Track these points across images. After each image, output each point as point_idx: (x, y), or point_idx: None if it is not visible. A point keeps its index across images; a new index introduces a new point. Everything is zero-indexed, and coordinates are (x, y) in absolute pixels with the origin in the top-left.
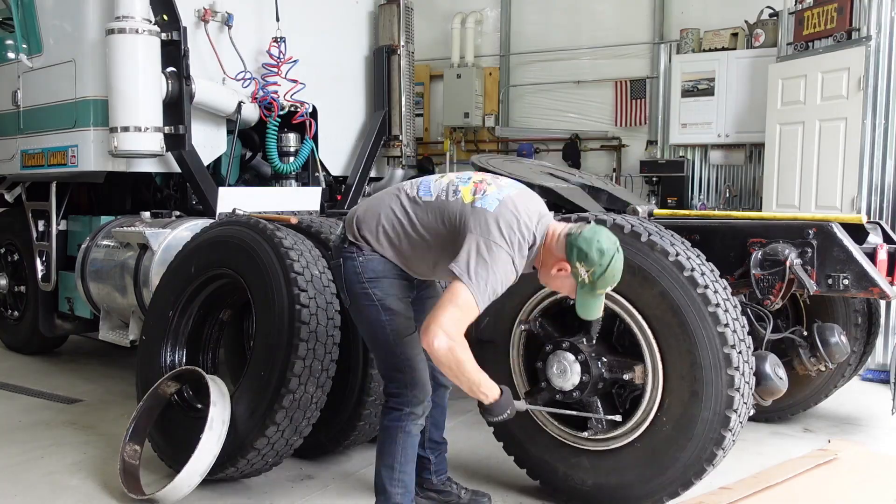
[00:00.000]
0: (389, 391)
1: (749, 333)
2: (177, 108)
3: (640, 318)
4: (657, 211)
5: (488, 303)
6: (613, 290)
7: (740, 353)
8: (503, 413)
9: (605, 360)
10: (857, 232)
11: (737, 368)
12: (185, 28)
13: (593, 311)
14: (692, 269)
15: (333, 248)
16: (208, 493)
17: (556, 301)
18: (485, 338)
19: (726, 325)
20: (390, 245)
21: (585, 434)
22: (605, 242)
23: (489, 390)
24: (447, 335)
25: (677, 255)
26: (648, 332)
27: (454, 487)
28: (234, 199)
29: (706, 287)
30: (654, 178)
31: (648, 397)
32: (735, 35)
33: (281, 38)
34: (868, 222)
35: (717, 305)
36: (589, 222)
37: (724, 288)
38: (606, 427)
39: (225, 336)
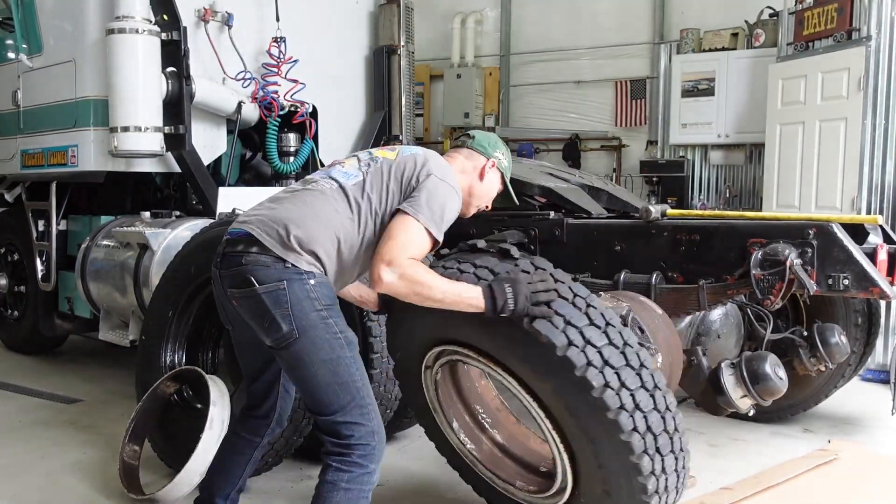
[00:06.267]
0: (350, 443)
1: (749, 334)
2: (177, 108)
3: (537, 407)
4: (670, 211)
5: (440, 226)
6: (507, 373)
7: (660, 455)
8: (518, 298)
9: None
10: (857, 232)
11: (652, 473)
12: (185, 28)
13: (514, 195)
14: (587, 364)
15: (259, 267)
16: None
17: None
18: (399, 372)
19: (633, 431)
20: (338, 258)
21: (510, 487)
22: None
23: (474, 292)
24: (389, 265)
25: (569, 345)
26: (549, 425)
27: None
28: (234, 199)
29: (606, 386)
30: (655, 178)
31: (560, 480)
32: (735, 35)
33: (281, 38)
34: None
35: (622, 408)
36: (468, 135)
37: (652, 374)
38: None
39: (225, 336)
